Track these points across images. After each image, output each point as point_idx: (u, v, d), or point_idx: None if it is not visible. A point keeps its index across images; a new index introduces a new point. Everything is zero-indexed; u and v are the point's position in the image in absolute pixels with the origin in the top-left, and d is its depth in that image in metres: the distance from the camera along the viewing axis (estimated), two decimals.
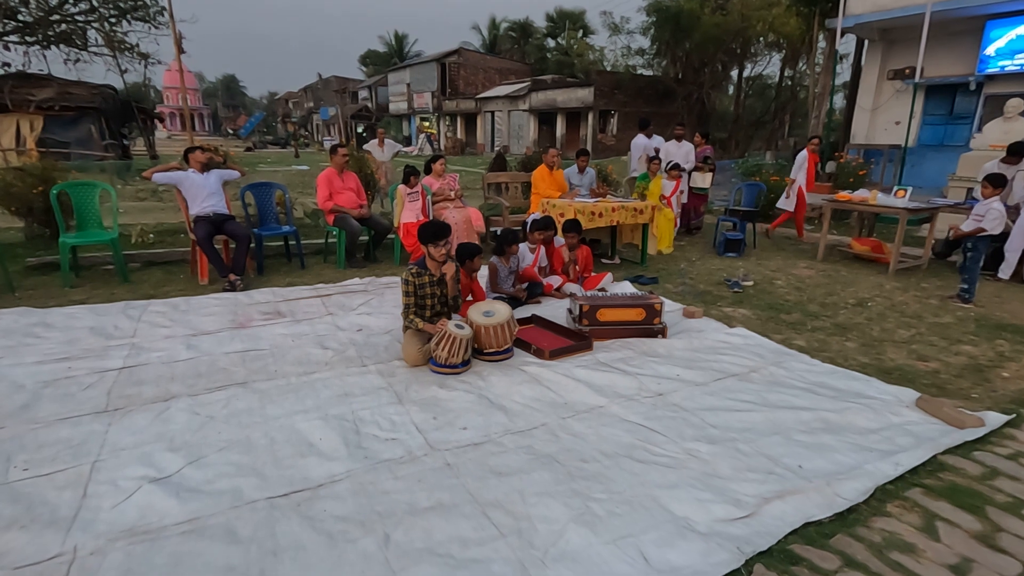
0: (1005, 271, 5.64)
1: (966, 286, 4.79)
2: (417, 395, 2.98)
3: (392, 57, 46.73)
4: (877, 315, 4.55)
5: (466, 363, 3.27)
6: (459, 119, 34.53)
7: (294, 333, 3.87)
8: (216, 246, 5.03)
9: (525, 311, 4.38)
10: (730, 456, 2.44)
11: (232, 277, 4.88)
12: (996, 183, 4.61)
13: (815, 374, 3.34)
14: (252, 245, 5.25)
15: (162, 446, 2.44)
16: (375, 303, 4.59)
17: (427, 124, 35.57)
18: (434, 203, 6.08)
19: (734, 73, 25.83)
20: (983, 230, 4.61)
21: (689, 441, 2.56)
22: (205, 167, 5.16)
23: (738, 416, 2.79)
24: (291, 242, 5.95)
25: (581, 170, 6.78)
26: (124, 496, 2.09)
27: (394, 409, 2.82)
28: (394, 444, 2.50)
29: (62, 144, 11.72)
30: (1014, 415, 2.82)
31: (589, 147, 23.84)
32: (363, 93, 44.38)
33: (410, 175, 5.68)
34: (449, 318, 3.56)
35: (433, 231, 3.40)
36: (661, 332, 3.85)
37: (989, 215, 4.54)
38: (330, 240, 6.13)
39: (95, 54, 12.36)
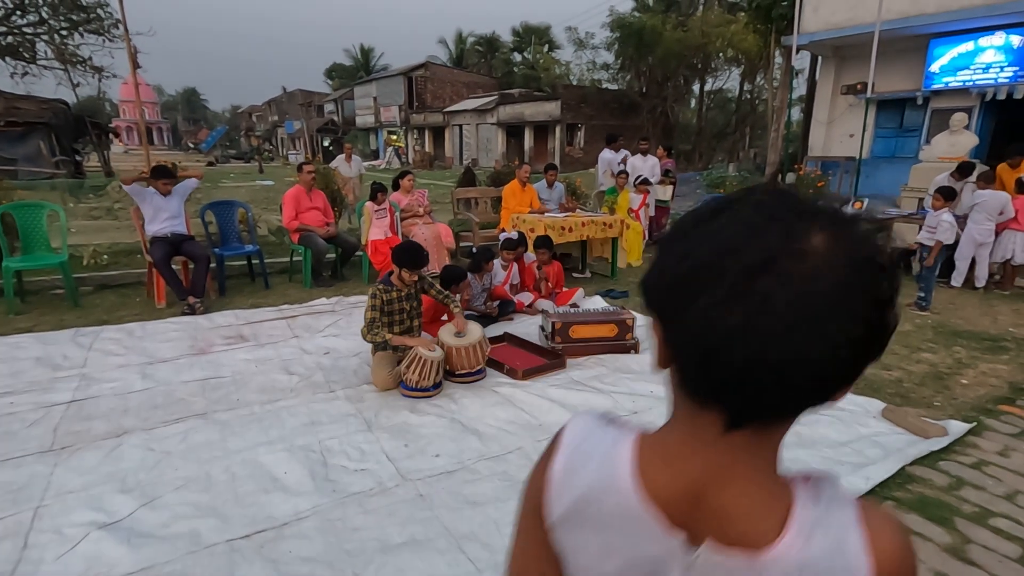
0: (956, 279, 5.87)
1: (923, 294, 4.95)
2: (387, 421, 2.89)
3: (358, 70, 46.44)
4: None
5: (437, 386, 3.19)
6: (427, 133, 34.48)
7: (258, 358, 3.73)
8: (175, 267, 4.84)
9: (497, 329, 4.33)
10: None
11: (191, 300, 4.69)
12: (947, 196, 4.81)
13: None
14: (212, 265, 5.06)
15: (113, 487, 2.29)
16: (343, 324, 4.47)
17: (395, 138, 35.39)
18: (402, 219, 5.99)
19: (696, 87, 26.56)
20: (941, 243, 4.79)
21: None
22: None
23: None
24: (254, 262, 5.77)
25: (550, 184, 6.80)
26: (69, 545, 1.94)
27: (363, 437, 2.73)
28: (364, 475, 2.41)
29: (9, 161, 11.18)
30: (975, 423, 2.90)
31: (557, 160, 24.08)
32: (329, 107, 43.90)
33: (377, 191, 5.59)
34: (419, 333, 3.49)
35: (412, 259, 3.27)
36: (634, 347, 3.85)
37: (941, 227, 4.72)
38: (295, 259, 5.97)
39: (45, 67, 11.87)
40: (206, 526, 2.05)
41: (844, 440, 2.74)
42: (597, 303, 5.08)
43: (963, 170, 6.23)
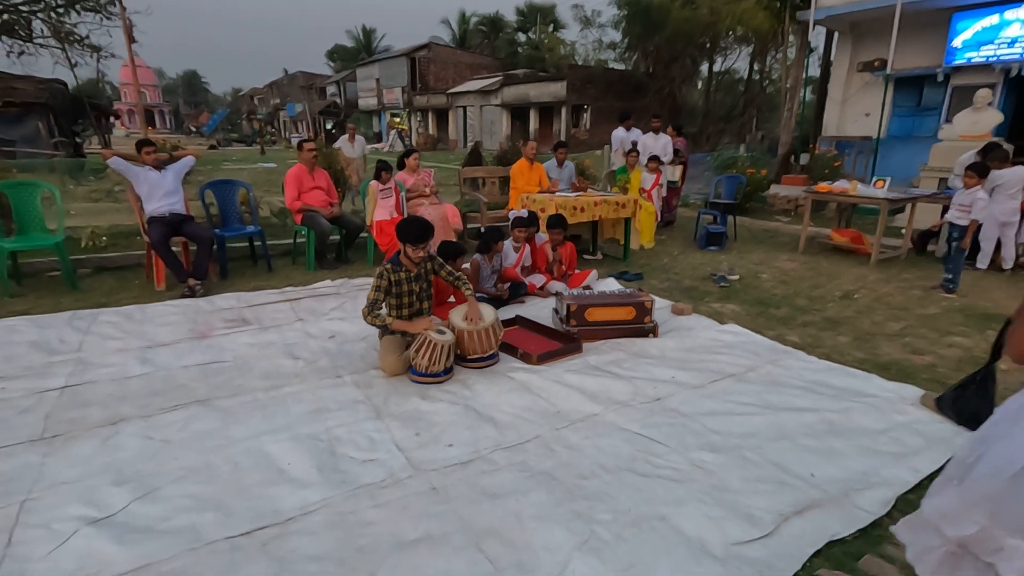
0: (982, 260, 5.66)
1: (951, 276, 4.76)
2: (397, 408, 2.75)
3: (360, 52, 45.74)
4: (865, 308, 4.48)
5: (448, 371, 3.04)
6: (430, 114, 34.03)
7: (261, 342, 3.58)
8: (175, 249, 4.69)
9: (508, 311, 4.17)
10: (737, 466, 2.28)
11: (192, 282, 4.54)
12: (980, 173, 4.58)
13: (813, 371, 3.22)
14: (214, 247, 4.90)
15: (108, 478, 2.16)
16: (348, 307, 4.31)
17: (398, 120, 34.95)
18: (408, 200, 5.81)
19: (704, 67, 26.03)
20: (976, 223, 4.59)
21: (693, 450, 2.39)
22: (160, 164, 4.82)
23: (740, 420, 2.63)
24: (256, 243, 5.60)
25: (560, 163, 6.58)
26: (59, 541, 1.81)
27: (372, 425, 2.58)
28: (374, 466, 2.26)
29: (6, 142, 10.98)
30: None
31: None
32: (331, 89, 43.36)
33: (382, 171, 5.40)
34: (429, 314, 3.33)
35: (417, 233, 3.11)
36: (652, 331, 3.68)
37: (976, 205, 4.50)
38: (299, 240, 5.80)
39: (41, 46, 11.60)
40: (206, 521, 1.91)
41: (881, 428, 2.58)
42: (611, 285, 4.91)
43: (988, 152, 6.00)
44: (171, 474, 2.19)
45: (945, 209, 6.22)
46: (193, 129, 50.24)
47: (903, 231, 7.09)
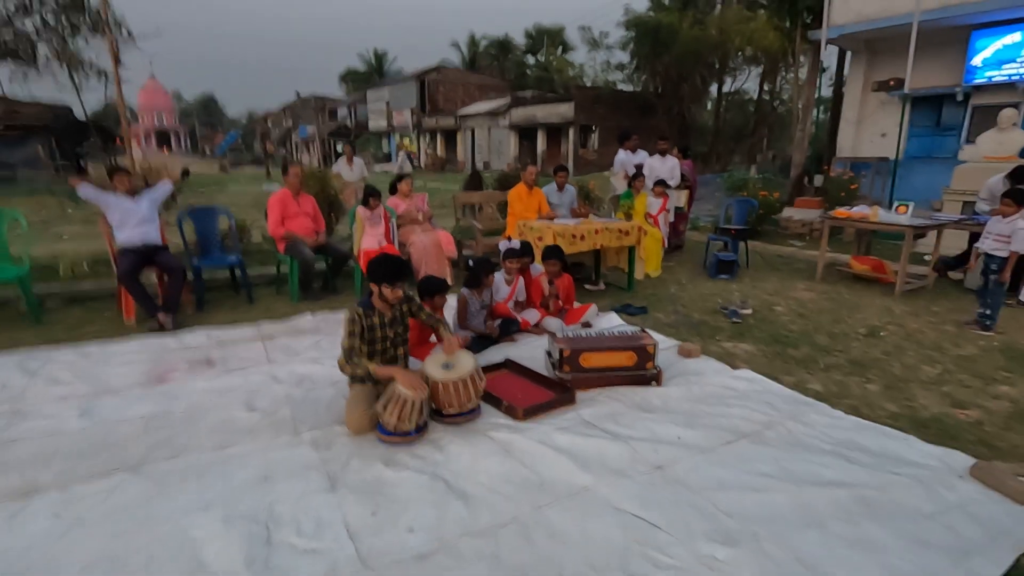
0: None
1: (988, 311, 4.31)
2: (356, 476, 2.37)
3: (372, 75, 46.35)
4: (894, 347, 4.05)
5: (420, 429, 2.66)
6: (439, 136, 34.15)
7: (220, 388, 3.24)
8: (152, 279, 4.40)
9: (498, 351, 3.81)
10: (755, 564, 1.87)
11: (161, 317, 4.23)
12: (1019, 200, 4.16)
13: (841, 430, 2.80)
14: (188, 278, 4.61)
15: None
16: (325, 345, 3.97)
17: (407, 141, 35.11)
18: (400, 226, 5.50)
19: (713, 88, 25.84)
20: (1017, 255, 4.15)
21: (700, 540, 1.98)
22: (134, 190, 4.57)
23: (758, 498, 2.22)
24: (239, 273, 5.30)
25: (560, 187, 6.25)
26: None
27: (323, 499, 2.21)
28: (313, 559, 1.88)
29: (7, 166, 10.92)
30: None
31: (570, 163, 23.48)
32: (342, 111, 43.84)
33: (369, 196, 5.10)
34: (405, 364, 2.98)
35: (392, 271, 2.76)
36: (655, 379, 3.28)
37: (1017, 236, 4.08)
38: (283, 269, 5.50)
39: (44, 69, 11.64)
40: None
41: (928, 511, 2.15)
42: (612, 320, 4.53)
43: (1017, 176, 5.58)
44: (70, 568, 1.83)
45: (972, 236, 5.79)
46: (208, 151, 50.95)
47: (926, 257, 6.67)
